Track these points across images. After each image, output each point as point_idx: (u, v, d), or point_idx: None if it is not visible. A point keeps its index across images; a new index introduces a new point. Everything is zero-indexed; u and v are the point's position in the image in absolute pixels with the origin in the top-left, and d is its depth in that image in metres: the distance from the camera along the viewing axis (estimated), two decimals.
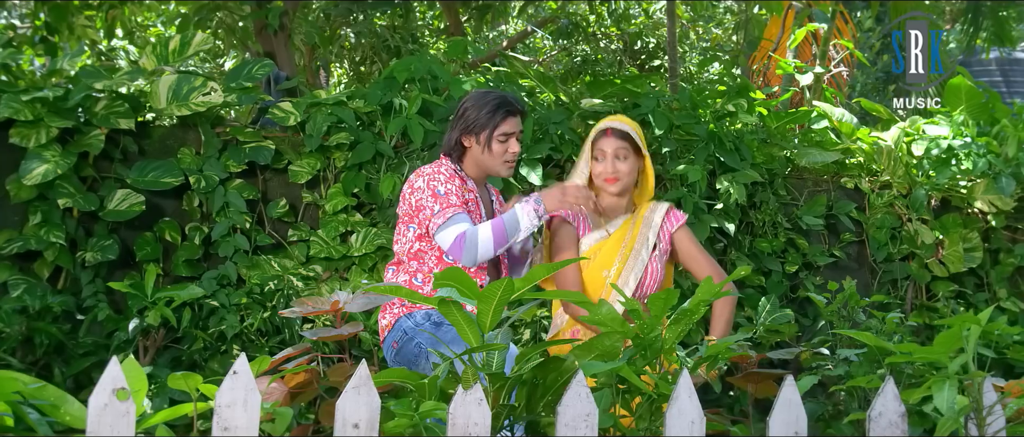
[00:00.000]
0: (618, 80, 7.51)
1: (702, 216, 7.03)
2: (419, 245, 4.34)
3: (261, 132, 6.70)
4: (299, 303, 3.47)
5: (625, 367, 2.75)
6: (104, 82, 6.33)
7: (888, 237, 7.69)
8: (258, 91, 6.84)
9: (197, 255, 6.43)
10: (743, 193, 7.04)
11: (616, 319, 2.95)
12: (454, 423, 2.58)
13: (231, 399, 2.55)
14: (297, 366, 3.04)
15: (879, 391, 2.79)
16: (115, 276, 6.30)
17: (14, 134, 6.08)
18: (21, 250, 6.08)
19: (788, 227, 7.47)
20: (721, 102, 7.63)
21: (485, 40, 17.38)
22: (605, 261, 4.45)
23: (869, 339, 2.96)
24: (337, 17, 12.82)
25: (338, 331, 3.24)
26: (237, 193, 6.44)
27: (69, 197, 6.10)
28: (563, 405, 2.62)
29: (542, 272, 2.86)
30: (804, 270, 7.52)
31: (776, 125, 7.73)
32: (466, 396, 2.60)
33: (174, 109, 6.42)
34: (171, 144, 6.58)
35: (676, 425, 2.68)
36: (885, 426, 2.78)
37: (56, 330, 5.89)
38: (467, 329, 2.84)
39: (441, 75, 6.90)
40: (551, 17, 15.67)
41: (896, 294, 7.74)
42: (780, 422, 2.76)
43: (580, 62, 15.62)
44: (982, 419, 2.81)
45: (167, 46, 6.86)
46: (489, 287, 2.76)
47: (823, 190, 7.77)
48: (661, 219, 4.57)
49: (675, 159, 7.16)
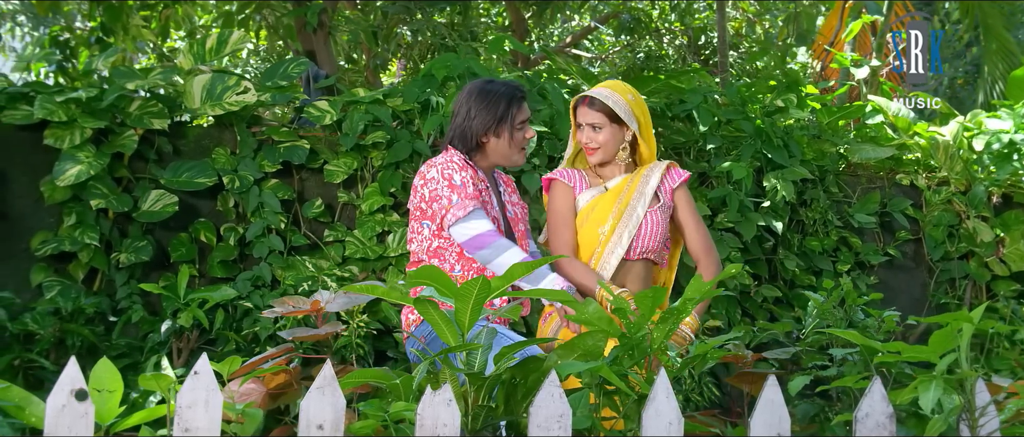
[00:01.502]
0: (662, 76, 7.36)
1: (749, 214, 6.86)
2: (437, 242, 4.26)
3: (297, 131, 6.63)
4: (280, 303, 3.38)
5: (604, 367, 2.64)
6: (137, 82, 6.29)
7: (946, 235, 7.46)
8: (293, 90, 6.77)
9: (232, 256, 6.38)
10: (792, 191, 6.85)
11: (603, 318, 2.84)
12: (422, 424, 2.51)
13: (192, 400, 2.50)
14: (272, 366, 2.96)
15: (866, 391, 2.68)
16: (151, 277, 6.27)
17: (48, 135, 6.06)
18: (55, 252, 6.06)
19: (840, 225, 7.27)
20: (770, 97, 7.44)
21: (548, 37, 17.29)
22: (600, 217, 4.35)
23: (856, 338, 2.84)
24: (394, 15, 12.77)
25: (315, 331, 3.15)
26: (272, 193, 6.37)
27: (102, 198, 6.07)
28: (535, 406, 2.53)
29: (521, 270, 2.76)
30: (857, 269, 7.31)
31: (828, 120, 7.52)
32: (435, 397, 2.52)
33: (208, 108, 6.37)
34: (207, 144, 6.53)
35: (653, 426, 2.58)
36: (872, 427, 2.67)
37: (88, 332, 5.86)
38: (446, 329, 2.75)
39: (479, 72, 6.78)
40: (614, 13, 15.50)
41: (954, 294, 7.50)
42: (762, 423, 2.65)
43: (643, 58, 15.46)
44: (974, 420, 2.68)
45: (204, 45, 6.82)
46: (465, 285, 2.66)
47: (877, 187, 7.56)
48: (661, 174, 4.44)
49: (721, 156, 6.99)
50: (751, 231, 6.84)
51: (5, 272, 6.13)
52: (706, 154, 7.04)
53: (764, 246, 7.09)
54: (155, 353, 5.93)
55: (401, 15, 12.79)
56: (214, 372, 2.92)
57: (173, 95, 6.53)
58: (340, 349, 5.88)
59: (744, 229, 6.84)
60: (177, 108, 6.50)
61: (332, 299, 3.29)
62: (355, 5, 13.67)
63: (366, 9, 13.30)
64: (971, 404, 2.73)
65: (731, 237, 6.90)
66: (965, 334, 2.70)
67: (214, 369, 2.89)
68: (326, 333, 3.10)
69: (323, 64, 8.41)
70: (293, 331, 3.23)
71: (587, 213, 4.38)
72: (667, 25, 15.68)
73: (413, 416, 2.52)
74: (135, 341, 6.10)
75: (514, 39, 7.76)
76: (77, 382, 2.40)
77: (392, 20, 12.91)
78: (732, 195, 6.77)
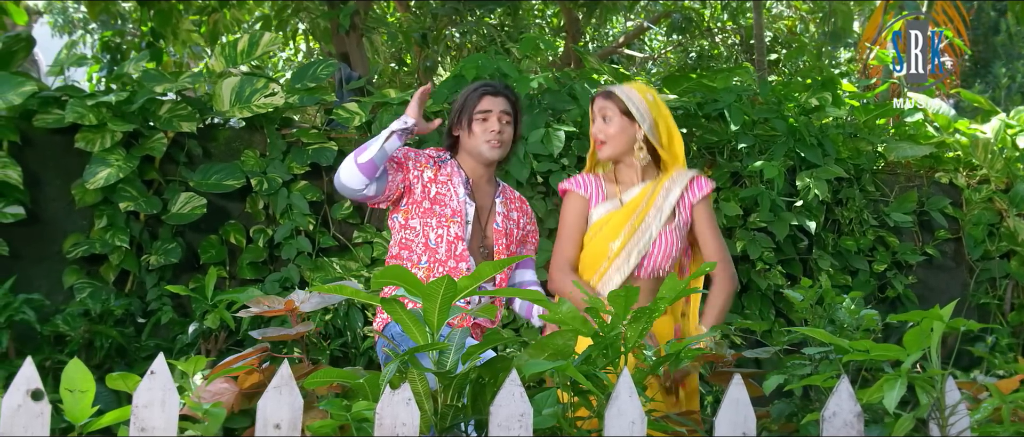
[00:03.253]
0: (693, 75, 7.30)
1: (781, 214, 6.78)
2: (404, 234, 4.30)
3: (326, 133, 6.66)
4: (255, 302, 3.39)
5: (570, 366, 2.61)
6: (165, 85, 6.35)
7: (986, 234, 7.34)
8: (322, 91, 6.80)
9: (262, 257, 6.42)
10: (826, 189, 6.76)
11: (576, 317, 2.81)
12: (381, 423, 2.50)
13: (148, 399, 2.50)
14: (242, 365, 2.97)
15: (834, 390, 2.64)
16: (181, 279, 6.33)
17: (79, 139, 6.14)
18: (86, 254, 6.14)
19: (876, 225, 7.17)
20: (805, 96, 7.35)
21: (603, 37, 17.22)
22: (612, 233, 4.20)
23: (824, 336, 2.80)
24: (443, 16, 12.78)
25: (285, 331, 3.16)
26: (301, 195, 6.41)
27: (131, 200, 6.13)
28: (496, 405, 2.52)
29: (489, 269, 2.74)
30: (893, 269, 7.20)
31: (865, 119, 7.42)
32: (394, 396, 2.51)
33: (236, 111, 6.42)
34: (237, 146, 6.59)
35: (615, 425, 2.55)
36: (839, 426, 2.62)
37: (116, 333, 5.92)
38: (414, 328, 2.74)
39: (509, 72, 6.78)
40: (666, 12, 15.40)
41: (995, 294, 7.37)
42: (727, 422, 2.61)
43: (695, 58, 15.35)
44: (944, 418, 2.63)
45: (235, 47, 6.87)
46: (431, 285, 2.66)
47: (915, 186, 7.45)
48: (682, 189, 4.28)
49: (753, 155, 6.92)
50: (784, 231, 6.76)
51: (39, 274, 6.21)
52: (739, 153, 6.97)
53: (798, 246, 7.01)
54: (184, 354, 5.98)
55: (450, 16, 12.82)
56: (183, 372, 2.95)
57: (204, 98, 6.59)
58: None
59: (777, 229, 6.77)
60: (207, 111, 6.55)
61: (306, 299, 3.30)
62: (407, 7, 13.72)
63: (420, 11, 13.35)
64: (941, 403, 2.68)
65: (764, 237, 6.83)
66: (936, 333, 2.66)
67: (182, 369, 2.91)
68: (297, 333, 3.11)
69: (356, 66, 8.45)
70: (263, 331, 3.23)
71: (599, 227, 4.22)
72: (719, 24, 15.54)
73: (373, 416, 2.51)
74: (164, 343, 6.15)
75: (546, 39, 7.74)
76: (33, 382, 2.42)
77: (441, 22, 12.93)
78: (764, 194, 6.70)
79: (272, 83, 6.51)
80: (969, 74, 21.69)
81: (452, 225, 4.27)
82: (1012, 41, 21.01)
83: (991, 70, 21.22)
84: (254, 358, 3.03)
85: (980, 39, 21.55)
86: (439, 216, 4.28)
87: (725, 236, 6.72)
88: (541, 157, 6.46)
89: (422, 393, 2.68)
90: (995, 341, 7.02)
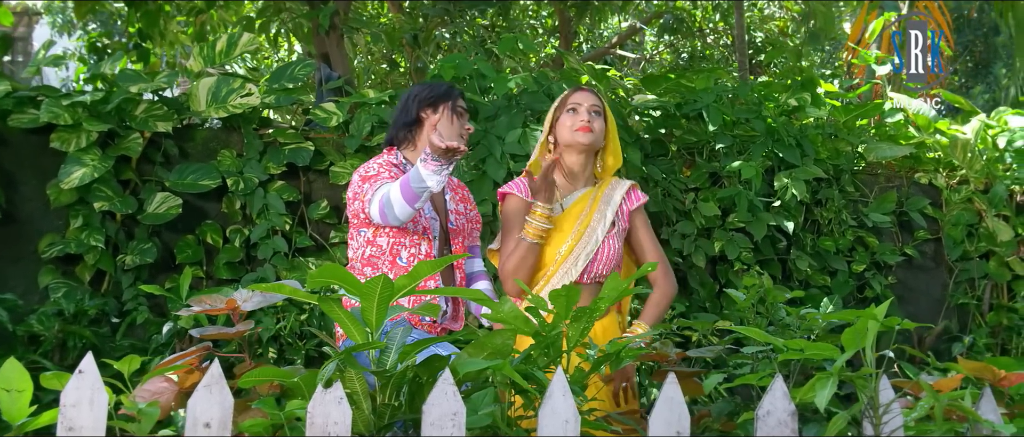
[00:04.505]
0: (672, 75, 7.29)
1: (759, 214, 6.78)
2: (370, 250, 4.19)
3: (304, 133, 6.66)
4: (196, 301, 3.38)
5: (506, 364, 2.61)
6: (140, 85, 6.35)
7: (965, 234, 7.34)
8: (299, 92, 6.79)
9: (238, 257, 6.42)
10: (804, 190, 6.76)
11: (518, 317, 2.81)
12: (313, 422, 2.50)
13: (77, 399, 2.51)
14: (183, 364, 2.97)
15: (768, 389, 2.63)
16: (158, 279, 6.33)
17: (55, 139, 6.13)
18: (61, 254, 6.14)
19: (856, 225, 7.16)
20: (785, 96, 7.34)
21: (597, 38, 17.22)
22: (558, 239, 4.24)
23: (758, 335, 2.80)
24: (434, 17, 12.78)
25: (225, 330, 3.16)
26: (277, 195, 6.41)
27: (106, 200, 6.13)
28: (429, 403, 2.51)
29: (426, 268, 2.74)
30: (873, 269, 7.19)
31: (845, 119, 7.41)
32: (326, 395, 2.51)
33: (212, 111, 6.42)
34: (214, 146, 6.59)
35: (549, 425, 2.54)
36: (774, 425, 2.61)
37: (90, 333, 5.91)
38: (352, 327, 2.74)
39: (487, 73, 6.77)
40: (657, 13, 15.40)
41: (974, 294, 7.37)
42: (661, 421, 2.60)
43: (687, 59, 15.35)
44: (878, 417, 2.63)
45: (214, 48, 6.87)
46: (368, 283, 2.65)
47: (895, 186, 7.44)
48: (621, 197, 4.32)
49: (731, 155, 6.92)
50: (762, 231, 6.76)
51: (15, 274, 6.21)
52: (717, 154, 6.97)
53: (777, 246, 7.00)
54: (159, 354, 5.97)
55: (441, 17, 12.82)
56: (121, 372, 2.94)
57: (181, 98, 6.59)
58: None
59: (755, 229, 6.77)
60: (184, 111, 6.54)
61: (248, 298, 3.29)
62: (400, 7, 13.72)
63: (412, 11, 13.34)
64: (875, 401, 2.68)
65: (742, 237, 6.83)
66: (871, 331, 2.65)
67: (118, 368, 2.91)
68: (236, 332, 3.11)
69: (335, 66, 8.44)
70: (202, 330, 3.23)
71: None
72: (711, 25, 15.54)
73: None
74: (139, 343, 6.14)
75: (525, 39, 7.74)
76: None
77: (432, 22, 12.93)
78: (742, 195, 6.69)
79: (248, 83, 6.50)
80: (970, 75, 21.67)
81: (423, 243, 4.19)
82: (1012, 42, 20.98)
83: (992, 71, 21.20)
84: (193, 357, 3.02)
85: (980, 40, 21.55)
86: (411, 234, 4.18)
87: (704, 236, 6.76)
88: (518, 157, 6.45)
89: (360, 392, 2.67)
90: (973, 341, 7.02)
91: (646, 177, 6.80)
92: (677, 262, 6.80)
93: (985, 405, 2.77)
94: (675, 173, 6.93)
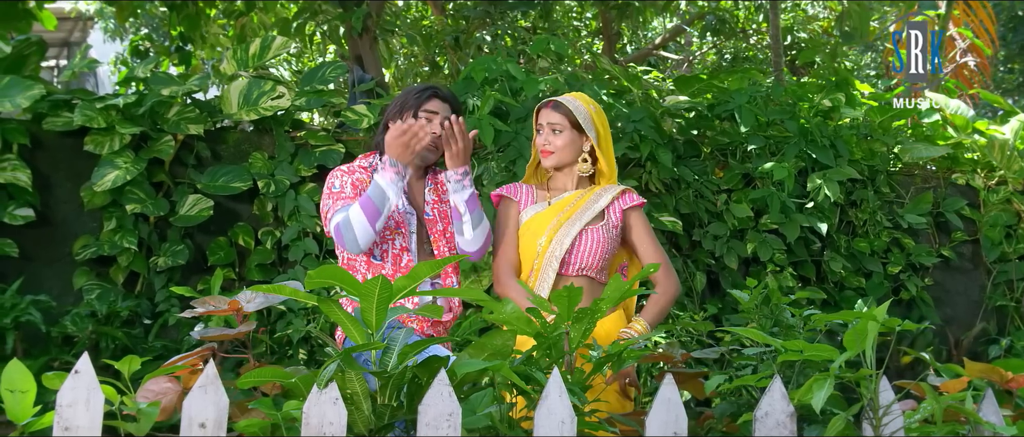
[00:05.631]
0: (703, 76, 7.25)
1: (792, 215, 6.73)
2: (348, 254, 4.19)
3: (334, 135, 6.68)
4: (199, 303, 3.40)
5: (504, 365, 2.60)
6: (172, 88, 6.40)
7: (1003, 236, 7.24)
8: (330, 94, 6.81)
9: (270, 259, 6.45)
10: (837, 191, 6.70)
11: (520, 317, 2.80)
12: (308, 423, 2.51)
13: (73, 399, 2.52)
14: (185, 365, 2.99)
15: (766, 390, 2.62)
16: (191, 281, 6.37)
17: (88, 142, 6.19)
18: (95, 256, 6.20)
19: (891, 226, 7.09)
20: (818, 97, 7.28)
21: (640, 39, 17.16)
22: (538, 230, 4.23)
23: (756, 335, 2.77)
24: (475, 19, 12.78)
25: (226, 331, 3.17)
26: (308, 197, 6.43)
27: (138, 203, 6.18)
28: (424, 404, 2.51)
29: (426, 269, 2.75)
30: (908, 271, 7.11)
31: (880, 119, 7.33)
32: (321, 395, 2.52)
33: (244, 113, 6.46)
34: (246, 149, 6.62)
35: (545, 425, 2.54)
36: (772, 426, 2.60)
37: (122, 334, 5.96)
38: (352, 327, 2.74)
39: (518, 75, 6.76)
40: (700, 14, 15.32)
41: (1012, 296, 7.27)
42: (658, 422, 2.59)
43: (730, 59, 15.25)
44: (878, 419, 2.60)
45: (247, 50, 6.91)
46: (367, 284, 2.66)
47: (932, 187, 7.36)
48: (612, 197, 4.32)
49: (764, 157, 6.87)
50: (795, 232, 6.71)
51: (51, 276, 6.27)
52: (750, 155, 6.92)
53: (811, 248, 6.95)
54: None
55: (483, 19, 12.81)
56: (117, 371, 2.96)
57: (213, 101, 6.63)
58: None
59: (788, 230, 6.72)
60: (216, 113, 6.59)
61: (251, 299, 3.31)
62: (442, 9, 13.74)
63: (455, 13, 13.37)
64: (875, 403, 2.65)
65: (775, 239, 6.78)
66: (871, 332, 2.62)
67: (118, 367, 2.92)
68: (236, 333, 3.12)
69: (368, 68, 8.47)
70: (204, 331, 3.26)
71: (528, 226, 4.27)
72: (754, 26, 15.44)
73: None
74: (172, 344, 6.18)
75: (557, 40, 7.72)
76: None
77: (473, 24, 12.93)
78: (774, 196, 6.64)
79: (279, 86, 6.54)
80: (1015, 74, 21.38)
81: (396, 237, 4.14)
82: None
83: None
84: (196, 358, 3.04)
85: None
86: (385, 229, 4.15)
87: (736, 238, 6.71)
88: None
89: (360, 393, 2.67)
90: (1011, 344, 6.93)
91: (678, 179, 6.77)
92: (709, 264, 6.77)
93: (986, 406, 2.75)
94: (707, 174, 6.89)
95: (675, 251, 6.76)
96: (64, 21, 17.71)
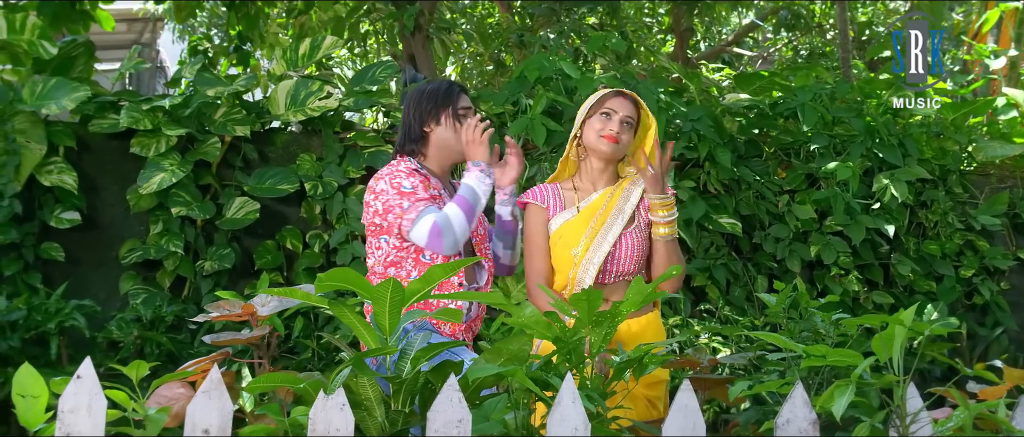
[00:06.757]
0: (765, 73, 7.01)
1: (857, 217, 6.47)
2: (395, 255, 4.04)
3: (384, 136, 6.55)
4: (214, 307, 3.31)
5: (518, 371, 2.48)
6: (217, 89, 6.30)
7: None
8: (380, 94, 6.68)
9: (318, 263, 6.33)
10: (906, 191, 6.43)
11: (539, 322, 2.67)
12: (314, 428, 2.44)
13: (74, 404, 2.49)
14: (196, 370, 2.90)
15: (788, 397, 2.49)
16: (238, 285, 6.27)
17: (135, 144, 6.13)
18: (141, 259, 6.13)
19: (964, 228, 6.80)
20: (886, 94, 7.01)
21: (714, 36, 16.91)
22: (572, 239, 4.07)
23: (780, 341, 2.62)
24: (539, 17, 12.62)
25: (238, 336, 3.08)
26: (356, 200, 6.30)
27: (184, 206, 6.09)
28: (433, 410, 2.43)
29: (440, 273, 2.68)
30: (982, 275, 6.82)
31: (953, 117, 7.04)
32: (328, 401, 2.45)
33: (291, 114, 6.35)
34: (294, 150, 6.52)
35: (558, 431, 2.44)
36: (794, 433, 2.47)
37: (166, 339, 5.87)
38: (365, 331, 2.65)
39: (573, 73, 6.59)
40: (774, 10, 15.04)
41: None
42: (676, 429, 2.49)
43: (806, 55, 14.95)
44: (904, 425, 2.49)
45: (297, 50, 6.80)
46: (379, 287, 2.57)
47: (1008, 187, 7.05)
48: (639, 196, 4.15)
49: (828, 156, 6.62)
50: (860, 234, 6.46)
51: (97, 280, 6.22)
52: (814, 154, 6.68)
53: (878, 251, 6.69)
54: (235, 361, 5.91)
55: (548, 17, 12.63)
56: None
57: (261, 102, 6.53)
58: None
59: (853, 232, 6.47)
60: (263, 114, 6.49)
61: (266, 303, 3.20)
62: (509, 7, 13.60)
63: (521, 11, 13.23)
64: (901, 409, 2.51)
65: (839, 241, 6.54)
66: (898, 337, 2.44)
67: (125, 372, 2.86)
68: (248, 338, 3.02)
69: (421, 67, 8.34)
70: (215, 336, 3.17)
71: (559, 235, 4.10)
72: (830, 21, 15.11)
73: None
74: (216, 349, 6.09)
75: (617, 38, 7.52)
76: None
77: (537, 23, 12.76)
78: (838, 197, 6.39)
79: (327, 86, 6.42)
80: None
81: None
82: None
83: None
84: (208, 362, 2.96)
85: None
86: None
87: (799, 240, 6.48)
88: None
89: (373, 399, 2.58)
90: None
91: (738, 179, 6.55)
92: (771, 267, 6.55)
93: (1020, 415, 2.60)
94: (769, 175, 6.66)
95: (734, 254, 6.54)
96: (134, 22, 17.81)
